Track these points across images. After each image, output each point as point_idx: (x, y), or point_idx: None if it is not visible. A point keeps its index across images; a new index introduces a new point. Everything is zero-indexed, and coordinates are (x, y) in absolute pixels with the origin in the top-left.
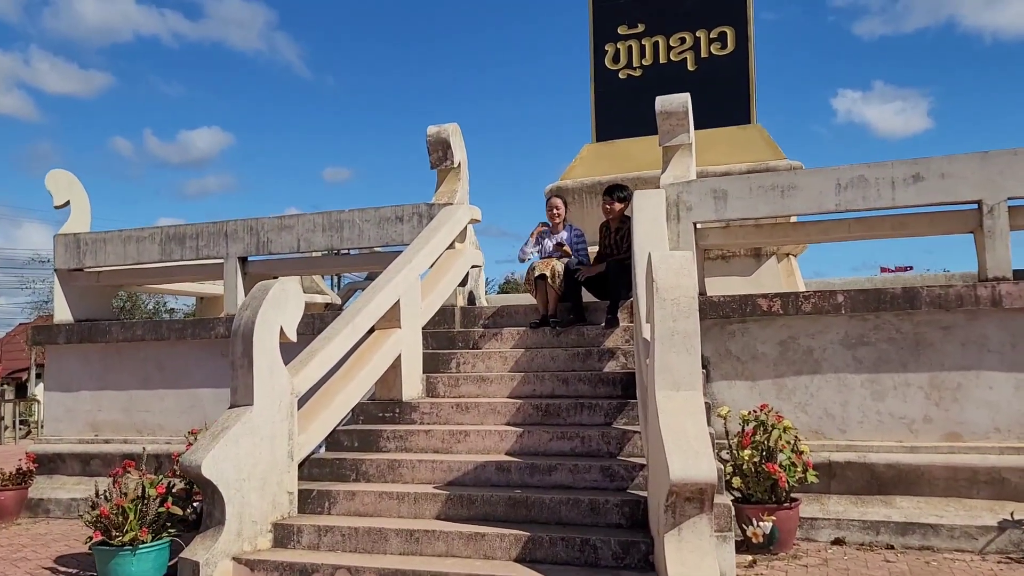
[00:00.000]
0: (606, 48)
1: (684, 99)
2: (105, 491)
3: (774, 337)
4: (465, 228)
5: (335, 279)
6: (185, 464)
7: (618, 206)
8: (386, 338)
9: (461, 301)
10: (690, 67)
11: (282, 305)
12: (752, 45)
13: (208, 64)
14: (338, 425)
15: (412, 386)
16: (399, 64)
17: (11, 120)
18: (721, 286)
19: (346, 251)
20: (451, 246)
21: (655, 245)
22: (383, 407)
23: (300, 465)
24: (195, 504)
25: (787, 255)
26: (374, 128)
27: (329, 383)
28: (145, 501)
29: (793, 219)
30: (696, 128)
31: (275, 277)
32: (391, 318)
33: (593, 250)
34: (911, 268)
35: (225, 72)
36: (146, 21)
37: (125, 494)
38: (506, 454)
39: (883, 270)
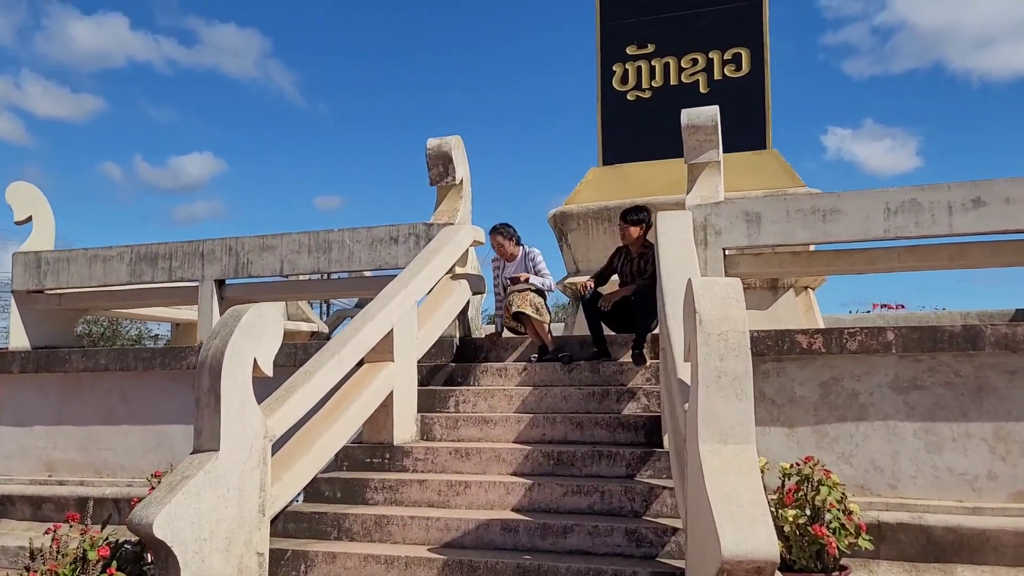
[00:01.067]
0: (614, 68)
1: (713, 112)
2: (40, 550)
3: (814, 378)
4: (467, 251)
5: (323, 306)
6: (135, 522)
7: (633, 230)
8: (377, 372)
9: (460, 332)
10: (702, 89)
11: (257, 334)
12: (768, 67)
13: (201, 90)
14: (319, 472)
15: (405, 428)
16: (394, 89)
17: (1, 143)
18: None
19: (336, 275)
20: (450, 271)
21: (686, 271)
22: (371, 452)
23: (273, 520)
24: (147, 567)
25: (805, 288)
26: (366, 155)
27: (310, 424)
28: (85, 566)
29: (811, 248)
30: None
31: (255, 302)
32: (383, 350)
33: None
34: (903, 306)
35: (218, 98)
36: (140, 47)
37: (64, 555)
38: (513, 510)
39: (875, 306)
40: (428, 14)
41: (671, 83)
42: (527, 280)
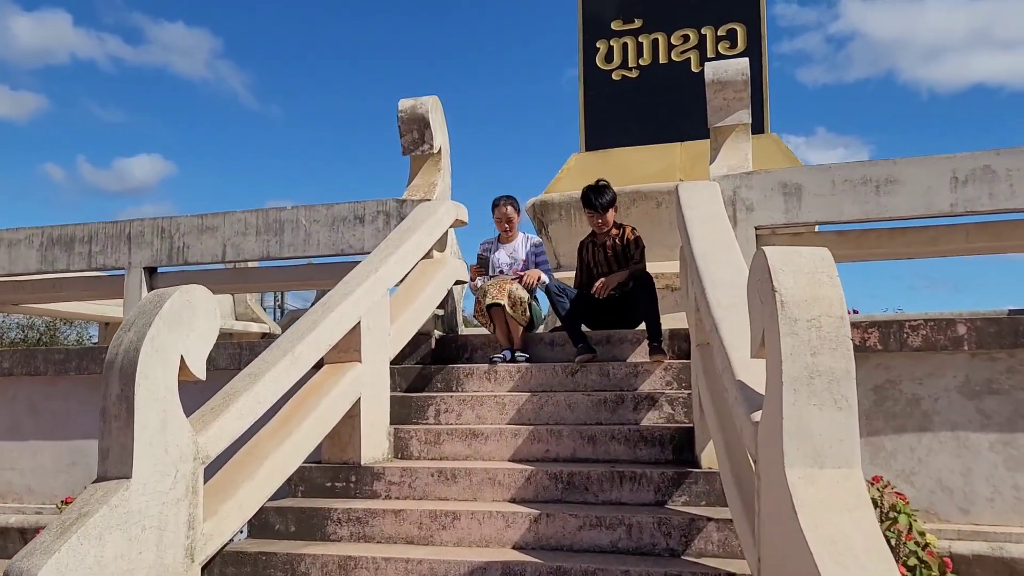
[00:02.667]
0: (597, 45)
1: (742, 66)
2: None
3: (866, 381)
4: (446, 233)
5: (277, 310)
6: (12, 575)
7: (610, 215)
8: (340, 376)
9: (440, 327)
10: (694, 68)
11: (185, 323)
12: (765, 45)
13: (149, 90)
14: (268, 500)
15: (375, 443)
16: (350, 92)
17: None
18: None
19: (290, 262)
20: (428, 254)
21: (724, 248)
22: (334, 473)
23: (207, 564)
24: None
25: None
26: (321, 159)
27: (256, 440)
28: None
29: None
30: (703, 137)
31: None
32: (348, 348)
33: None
34: (856, 312)
35: (168, 99)
36: (83, 44)
37: None
38: (515, 548)
39: None
40: (387, 11)
41: (660, 61)
42: (538, 279)
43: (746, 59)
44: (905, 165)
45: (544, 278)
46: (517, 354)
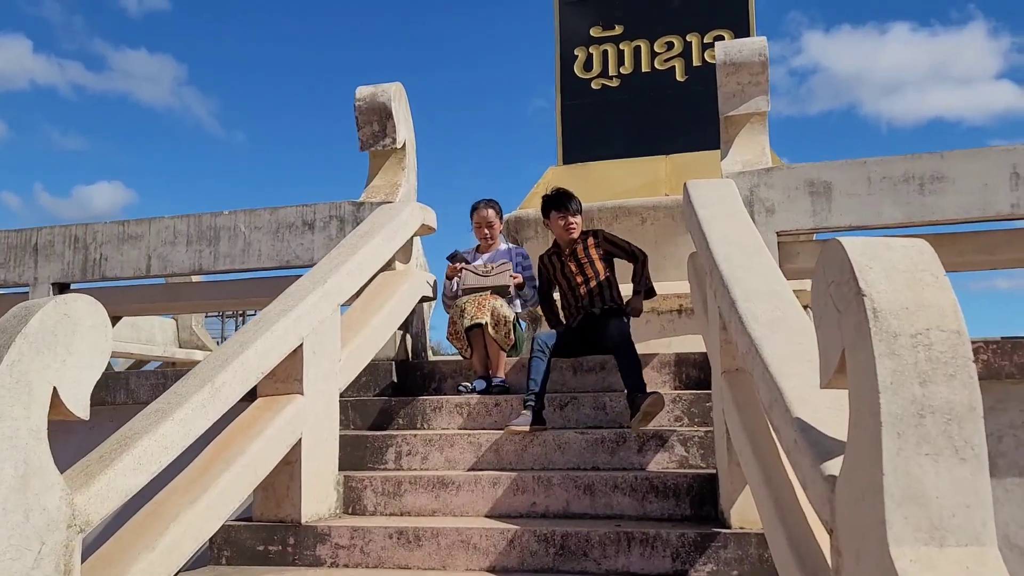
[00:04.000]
0: (575, 53)
1: (759, 45)
2: None
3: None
4: (411, 241)
5: (232, 330)
6: None
7: (578, 220)
8: (276, 411)
9: (403, 352)
10: (679, 77)
11: (59, 345)
12: None
13: (112, 117)
14: (180, 571)
15: (320, 495)
16: (315, 118)
17: None
18: None
19: (228, 276)
20: (390, 264)
21: (750, 251)
22: (267, 534)
23: None
24: None
25: None
26: (285, 187)
27: (164, 496)
28: None
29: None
30: (689, 149)
31: (115, 316)
32: (287, 376)
33: None
34: None
35: (130, 126)
36: (43, 70)
37: None
38: None
39: None
40: (356, 34)
41: (642, 70)
42: (513, 282)
43: (764, 37)
44: (955, 159)
45: (527, 289)
46: (495, 383)
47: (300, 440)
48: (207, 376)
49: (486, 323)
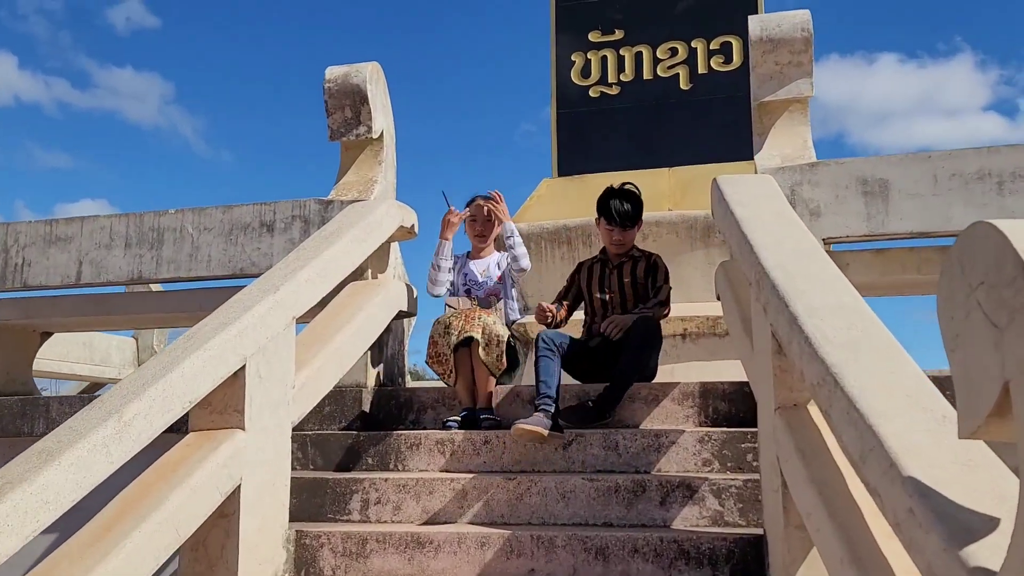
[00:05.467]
0: (572, 58)
1: (802, 19)
2: None
3: None
4: (387, 245)
5: None
6: None
7: (630, 233)
8: (209, 450)
9: (373, 377)
10: (683, 85)
11: None
12: None
13: (97, 135)
14: None
15: (263, 557)
16: (305, 134)
17: None
18: (735, 374)
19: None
20: (361, 274)
21: (805, 257)
22: None
23: None
24: None
25: None
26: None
27: (52, 561)
28: None
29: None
30: (694, 162)
31: (42, 333)
32: (223, 406)
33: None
34: None
35: (117, 144)
36: (28, 87)
37: None
38: None
39: None
40: (344, 56)
41: (644, 77)
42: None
43: (807, 11)
44: None
45: (514, 232)
46: (483, 416)
47: (239, 487)
48: (114, 406)
49: (477, 338)
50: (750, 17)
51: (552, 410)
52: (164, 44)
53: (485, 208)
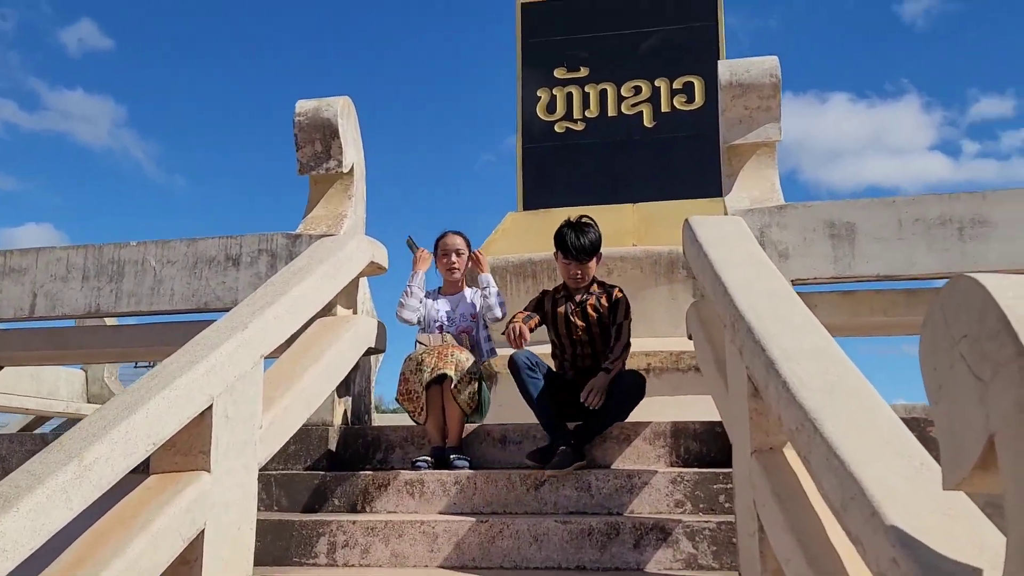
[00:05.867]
0: (538, 94)
1: (770, 65)
2: None
3: None
4: (356, 280)
5: None
6: None
7: (590, 265)
8: (172, 493)
9: (340, 415)
10: (647, 123)
11: None
12: None
13: (46, 158)
14: None
15: None
16: (261, 161)
17: None
18: (697, 410)
19: (136, 320)
20: (330, 310)
21: (785, 306)
22: None
23: None
24: None
25: None
26: (224, 231)
27: None
28: None
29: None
30: (658, 198)
31: None
32: (189, 448)
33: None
34: None
35: (65, 167)
36: None
37: None
38: None
39: None
40: (300, 85)
41: (608, 114)
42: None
43: (774, 58)
44: (998, 200)
45: (491, 283)
46: (453, 456)
47: (203, 531)
48: (74, 449)
49: (451, 375)
50: (720, 62)
51: (569, 441)
52: (117, 67)
53: (455, 240)
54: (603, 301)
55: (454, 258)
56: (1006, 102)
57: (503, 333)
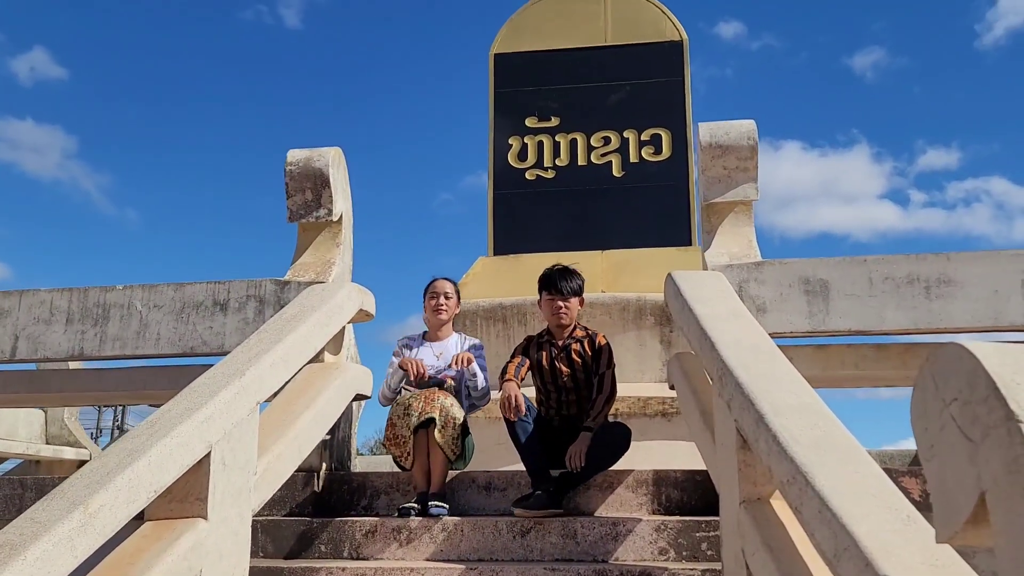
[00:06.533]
0: (510, 142)
1: (749, 129)
2: None
3: None
4: (343, 329)
5: (115, 424)
6: None
7: (572, 303)
8: (169, 541)
9: (325, 460)
10: (616, 172)
11: None
12: (692, 153)
13: None
14: None
15: None
16: (215, 194)
17: None
18: (663, 456)
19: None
20: (318, 357)
21: (770, 362)
22: None
23: None
24: None
25: None
26: (177, 271)
27: None
28: None
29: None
30: (626, 246)
31: None
32: (186, 495)
33: None
34: None
35: (9, 198)
36: None
37: None
38: None
39: None
40: (255, 117)
41: (579, 163)
42: (466, 362)
43: (752, 121)
44: (962, 262)
45: (476, 369)
46: (431, 504)
47: None
48: (79, 496)
49: (437, 420)
50: (700, 124)
51: (549, 488)
52: (69, 97)
53: (445, 285)
54: (587, 347)
55: (442, 300)
56: (952, 154)
57: (499, 400)
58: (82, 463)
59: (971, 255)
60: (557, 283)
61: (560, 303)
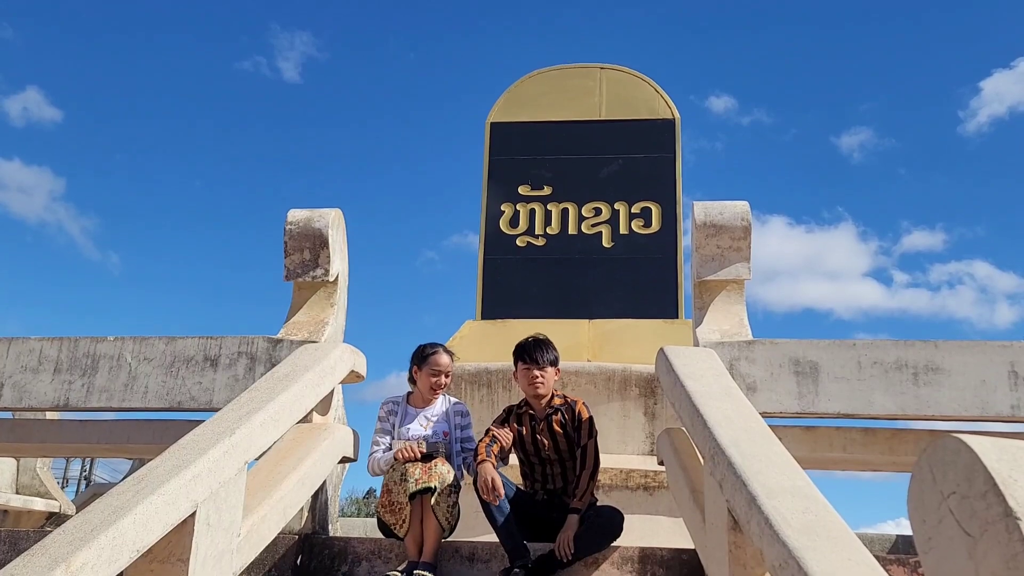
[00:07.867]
0: (502, 208)
1: (742, 210)
2: None
3: None
4: (332, 390)
5: (83, 475)
6: None
7: (549, 373)
8: None
9: (307, 523)
10: (606, 243)
11: None
12: (680, 227)
13: None
14: None
15: None
16: (189, 246)
17: None
18: (644, 531)
19: (108, 417)
20: (307, 417)
21: (762, 443)
22: None
23: None
24: None
25: None
26: (156, 321)
27: None
28: None
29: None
30: (613, 316)
31: None
32: (167, 555)
33: None
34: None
35: None
36: None
37: None
38: None
39: None
40: (242, 165)
41: (569, 232)
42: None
43: (746, 202)
44: (950, 350)
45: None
46: (417, 572)
47: None
48: (60, 554)
49: (436, 488)
50: (695, 203)
51: (527, 565)
52: (61, 139)
53: (446, 360)
54: (567, 416)
55: (444, 380)
56: (936, 235)
57: (474, 484)
58: (52, 515)
59: (959, 344)
60: (532, 353)
61: (536, 372)
